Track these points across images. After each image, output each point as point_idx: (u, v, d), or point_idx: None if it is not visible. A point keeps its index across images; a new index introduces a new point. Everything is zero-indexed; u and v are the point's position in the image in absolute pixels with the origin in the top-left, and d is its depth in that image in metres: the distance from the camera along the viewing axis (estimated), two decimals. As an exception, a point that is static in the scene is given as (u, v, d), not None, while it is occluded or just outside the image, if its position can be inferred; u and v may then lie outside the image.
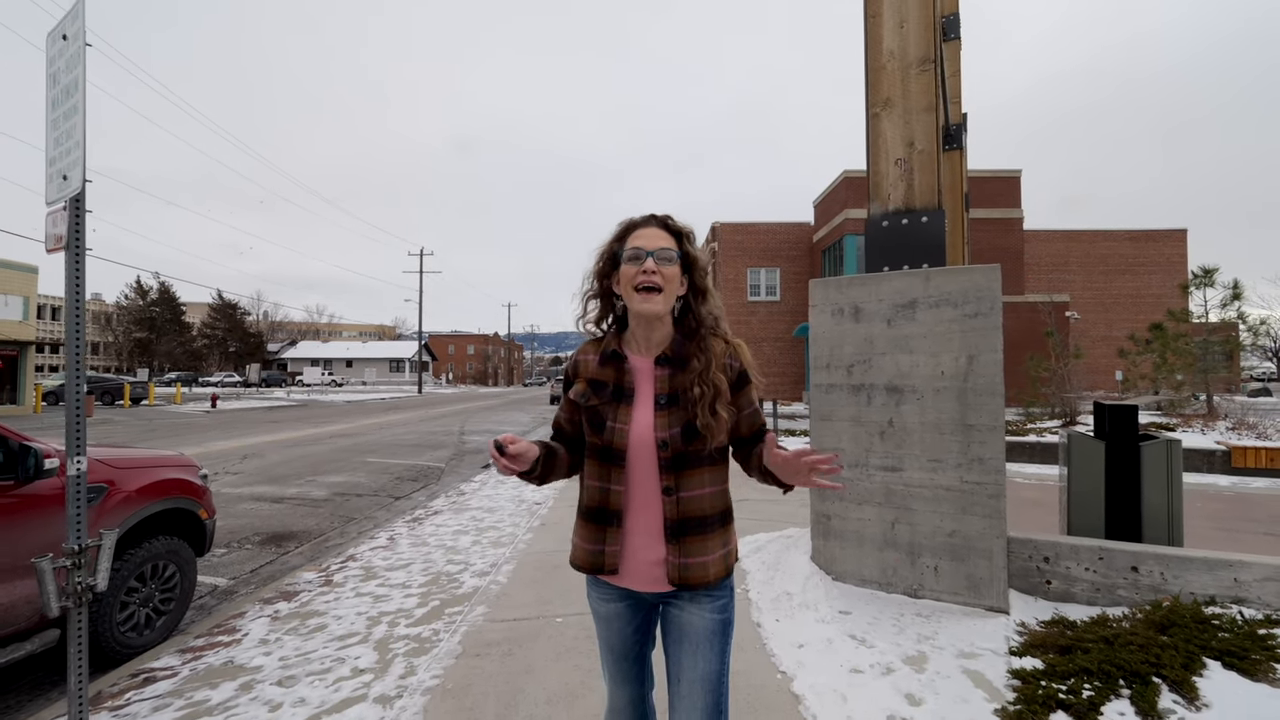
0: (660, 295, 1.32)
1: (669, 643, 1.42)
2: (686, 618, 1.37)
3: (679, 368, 1.35)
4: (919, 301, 3.34)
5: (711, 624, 1.37)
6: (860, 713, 2.21)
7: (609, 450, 1.34)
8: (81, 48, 1.75)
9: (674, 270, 1.34)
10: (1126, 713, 2.11)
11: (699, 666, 1.36)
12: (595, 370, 1.39)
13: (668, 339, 1.39)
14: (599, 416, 1.36)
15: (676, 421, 1.32)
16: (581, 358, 1.44)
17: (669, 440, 1.31)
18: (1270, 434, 8.28)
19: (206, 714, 2.51)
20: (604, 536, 1.37)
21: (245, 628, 3.40)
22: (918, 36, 3.65)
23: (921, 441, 3.30)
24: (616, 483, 1.35)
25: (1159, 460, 3.42)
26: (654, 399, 1.35)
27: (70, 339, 1.84)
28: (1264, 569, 2.88)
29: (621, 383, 1.37)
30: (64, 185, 1.83)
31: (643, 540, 1.35)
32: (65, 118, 1.82)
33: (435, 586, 3.96)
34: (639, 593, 1.40)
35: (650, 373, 1.37)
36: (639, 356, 1.39)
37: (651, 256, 1.31)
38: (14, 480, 2.78)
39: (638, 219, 1.40)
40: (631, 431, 1.33)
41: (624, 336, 1.42)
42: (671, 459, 1.32)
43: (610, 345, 1.40)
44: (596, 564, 1.38)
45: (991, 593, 3.13)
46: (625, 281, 1.34)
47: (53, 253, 1.92)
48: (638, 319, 1.37)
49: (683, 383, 1.33)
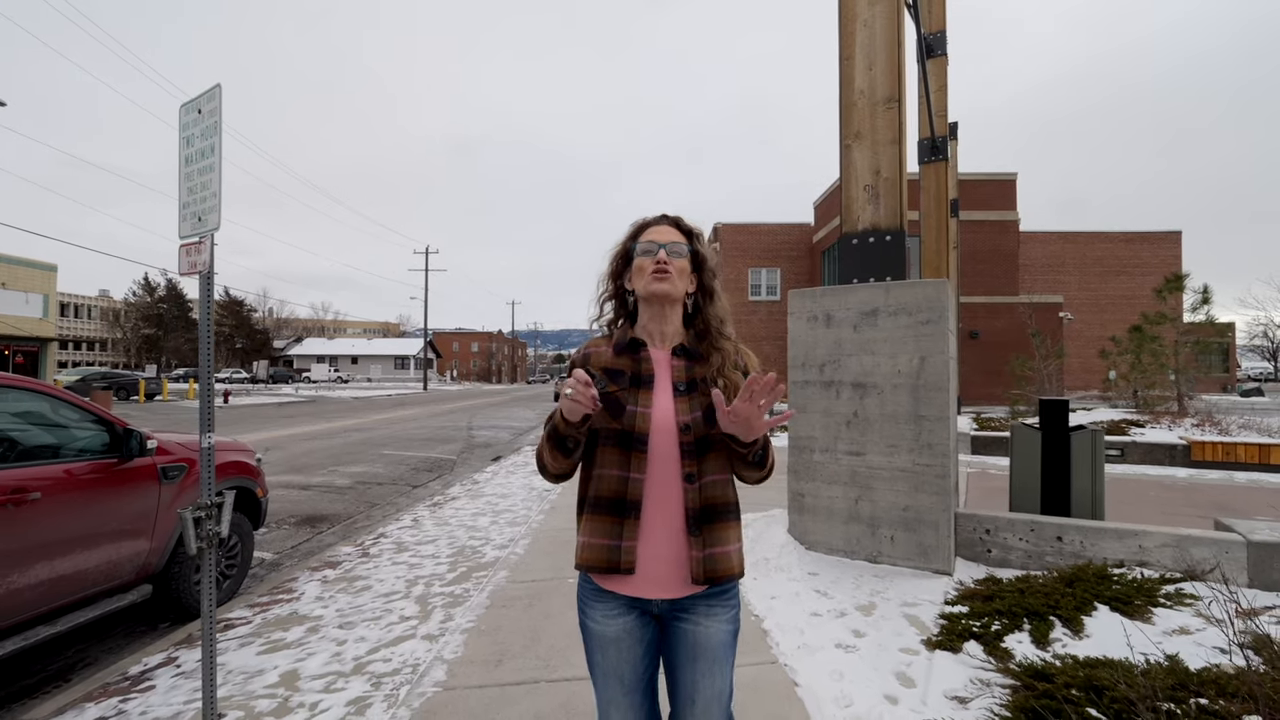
0: (671, 278, 1.33)
1: (678, 660, 1.33)
2: (702, 632, 1.31)
3: (695, 360, 1.36)
4: (880, 310, 3.89)
5: (726, 637, 1.32)
6: (813, 641, 2.78)
7: (629, 436, 1.30)
8: (217, 123, 2.31)
9: (684, 264, 1.36)
10: (1024, 640, 2.66)
11: (715, 685, 1.30)
12: (610, 359, 1.37)
13: (680, 334, 1.40)
14: (617, 402, 1.32)
15: (698, 406, 1.31)
16: (592, 350, 1.41)
17: (692, 424, 1.29)
18: (1232, 430, 8.81)
19: (286, 647, 3.08)
20: (621, 530, 1.28)
21: (301, 589, 3.97)
22: (884, 77, 4.18)
23: (881, 430, 3.85)
24: (637, 470, 1.29)
25: (1085, 448, 3.97)
26: (673, 385, 1.34)
27: (203, 343, 2.40)
28: (1162, 537, 3.42)
29: (640, 370, 1.35)
30: (198, 224, 2.39)
31: (661, 536, 1.29)
32: (200, 173, 2.38)
33: (461, 557, 4.52)
34: (649, 601, 1.32)
35: (667, 362, 1.36)
36: (655, 348, 1.38)
37: (664, 249, 1.33)
38: (118, 458, 3.35)
39: (650, 219, 1.43)
40: (653, 415, 1.31)
41: (636, 330, 1.42)
42: (695, 443, 1.29)
43: (626, 335, 1.39)
44: (613, 561, 1.28)
45: (939, 558, 3.68)
46: (637, 273, 1.35)
47: (185, 275, 2.48)
48: (649, 309, 1.38)
49: (701, 373, 1.34)
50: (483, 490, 7.13)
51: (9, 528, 2.69)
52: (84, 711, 2.55)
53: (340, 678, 2.73)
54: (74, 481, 3.05)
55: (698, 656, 1.29)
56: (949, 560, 3.68)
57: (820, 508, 4.04)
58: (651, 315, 1.38)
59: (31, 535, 2.80)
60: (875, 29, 4.17)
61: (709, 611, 1.30)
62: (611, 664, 1.33)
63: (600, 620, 1.33)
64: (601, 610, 1.33)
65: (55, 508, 2.92)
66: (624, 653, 1.32)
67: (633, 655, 1.32)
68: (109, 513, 3.23)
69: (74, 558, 3.01)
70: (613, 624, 1.32)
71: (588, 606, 1.36)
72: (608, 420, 1.32)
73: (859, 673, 2.52)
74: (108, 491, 3.23)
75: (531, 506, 6.19)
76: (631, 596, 1.31)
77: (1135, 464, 8.19)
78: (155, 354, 56.48)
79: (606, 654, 1.33)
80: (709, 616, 1.30)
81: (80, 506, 3.07)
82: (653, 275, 1.32)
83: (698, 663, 1.29)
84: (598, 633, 1.34)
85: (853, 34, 4.24)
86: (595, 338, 1.45)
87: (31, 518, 2.80)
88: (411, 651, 2.96)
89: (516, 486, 7.31)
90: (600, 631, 1.33)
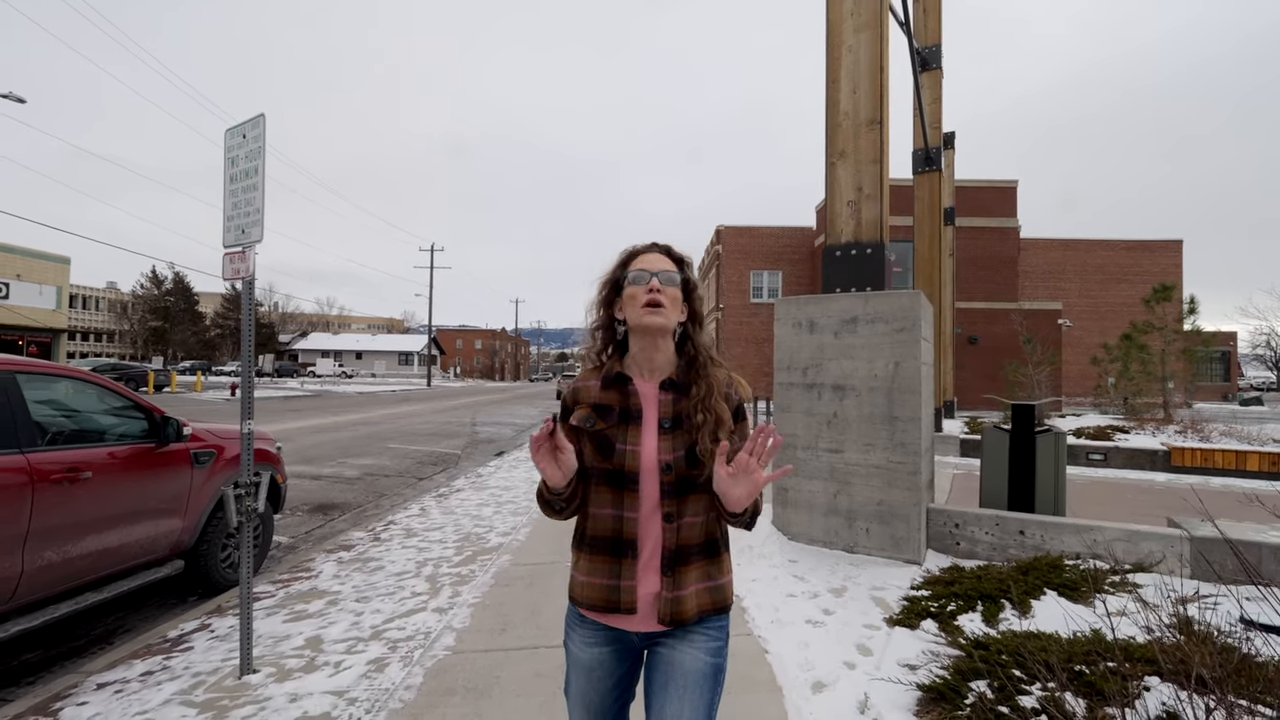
0: (665, 310, 1.31)
1: (653, 688, 1.32)
2: (675, 656, 1.30)
3: (683, 393, 1.33)
4: (859, 318, 4.18)
5: (703, 666, 1.29)
6: (786, 617, 3.08)
7: (620, 475, 1.30)
8: (260, 147, 2.62)
9: (676, 293, 1.35)
10: (975, 620, 2.95)
11: (684, 713, 1.26)
12: (598, 395, 1.37)
13: (670, 364, 1.37)
14: (607, 441, 1.32)
15: (680, 445, 1.29)
16: (581, 385, 1.41)
17: (673, 464, 1.28)
18: (1213, 437, 9.06)
19: (308, 617, 3.40)
20: (619, 570, 1.29)
21: (318, 568, 4.29)
22: (868, 100, 4.47)
23: (859, 429, 4.14)
24: (630, 509, 1.29)
25: (1049, 448, 4.25)
26: (658, 422, 1.32)
27: (245, 341, 2.71)
28: (1114, 532, 3.71)
29: (628, 405, 1.34)
30: (241, 236, 2.70)
31: (642, 571, 1.30)
32: (244, 190, 2.69)
33: (467, 542, 4.84)
34: (629, 634, 1.32)
35: (655, 397, 1.35)
36: (643, 381, 1.37)
37: (656, 277, 1.32)
38: (156, 442, 3.67)
39: (640, 246, 1.42)
40: (641, 454, 1.30)
41: (625, 362, 1.40)
42: (675, 483, 1.28)
43: (614, 369, 1.38)
44: (612, 601, 1.29)
45: (909, 548, 3.98)
46: (628, 302, 1.34)
47: (228, 280, 2.79)
48: (640, 340, 1.36)
49: (686, 407, 1.31)
50: (486, 483, 7.45)
51: (66, 502, 3.00)
52: (132, 666, 2.86)
53: (360, 642, 3.04)
54: (119, 463, 3.37)
55: (669, 682, 1.28)
56: (919, 551, 3.97)
57: (802, 501, 4.34)
58: (642, 346, 1.36)
59: (84, 510, 3.11)
60: (860, 55, 4.46)
61: (687, 639, 1.30)
62: (582, 689, 1.37)
63: (579, 645, 1.36)
64: (581, 635, 1.36)
65: (104, 486, 3.24)
66: (595, 682, 1.35)
67: (603, 686, 1.35)
68: (148, 492, 3.55)
69: (118, 532, 3.32)
70: (588, 651, 1.35)
71: (571, 629, 1.39)
72: (598, 459, 1.32)
73: (823, 644, 2.82)
74: (147, 473, 3.55)
75: (534, 499, 6.50)
76: (611, 627, 1.32)
77: (1118, 468, 8.45)
78: (162, 346, 57.03)
79: (579, 679, 1.37)
80: (686, 644, 1.30)
81: (124, 486, 3.39)
82: (644, 308, 1.31)
83: (669, 689, 1.28)
84: (575, 656, 1.37)
85: (839, 59, 4.53)
86: (585, 369, 1.46)
87: (84, 494, 3.11)
88: (423, 621, 3.27)
89: (519, 480, 7.62)
90: (577, 656, 1.36)
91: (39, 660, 3.20)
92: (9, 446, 2.80)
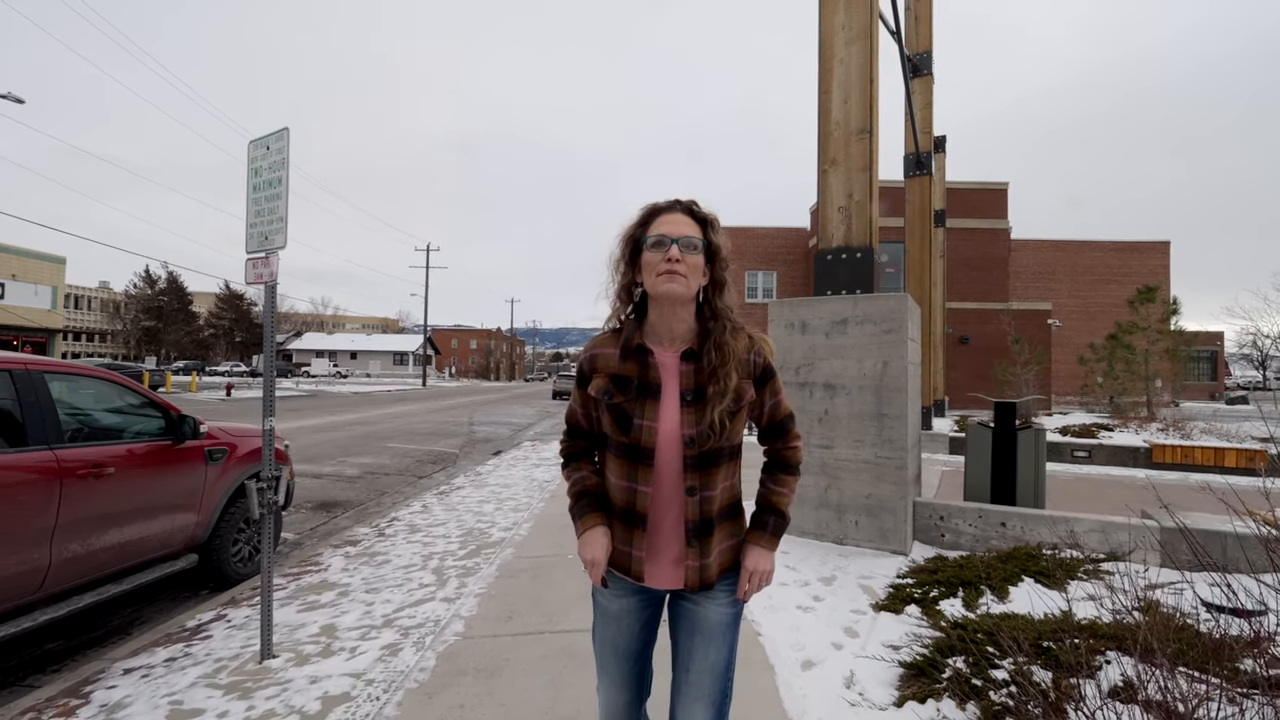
0: (683, 279, 1.27)
1: (680, 634, 1.42)
2: (701, 612, 1.38)
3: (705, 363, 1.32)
4: (849, 320, 4.36)
5: (727, 617, 1.38)
6: (778, 604, 3.25)
7: (636, 449, 1.31)
8: (284, 159, 2.76)
9: (698, 260, 1.29)
10: (956, 604, 3.13)
11: (710, 656, 1.37)
12: (617, 365, 1.34)
13: (690, 332, 1.34)
14: (624, 414, 1.32)
15: (704, 418, 1.29)
16: (599, 351, 1.38)
17: (695, 438, 1.28)
18: (1194, 435, 9.32)
19: (321, 607, 3.54)
20: (631, 539, 1.35)
21: (327, 562, 4.42)
22: (858, 111, 4.65)
23: (848, 426, 4.32)
24: (644, 483, 1.31)
25: (1029, 444, 4.44)
26: (680, 395, 1.31)
27: (267, 342, 2.85)
28: (1089, 523, 3.90)
29: (647, 378, 1.32)
30: (264, 242, 2.85)
31: (666, 539, 1.34)
32: (267, 200, 2.83)
33: (470, 537, 4.98)
34: (654, 589, 1.40)
35: (676, 368, 1.33)
36: (663, 351, 1.34)
37: (676, 244, 1.26)
38: (172, 440, 3.80)
39: (662, 203, 1.35)
40: (659, 430, 1.30)
41: (644, 329, 1.37)
42: (698, 457, 1.29)
43: (634, 339, 1.34)
44: (624, 566, 1.37)
45: (896, 540, 4.16)
46: (648, 269, 1.29)
47: (251, 285, 2.94)
48: (659, 308, 1.32)
49: (708, 379, 1.31)
50: (486, 481, 7.59)
51: (90, 496, 3.14)
52: (155, 653, 3.00)
53: (373, 629, 3.18)
54: (138, 459, 3.50)
55: (695, 631, 1.38)
56: (906, 542, 4.15)
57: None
58: (660, 314, 1.33)
59: (106, 504, 3.25)
60: (851, 67, 4.64)
61: (710, 596, 1.37)
62: (610, 634, 1.45)
63: (607, 597, 1.43)
64: (613, 589, 1.42)
65: (124, 482, 3.37)
66: (623, 628, 1.43)
67: (630, 630, 1.43)
68: (165, 488, 3.68)
69: (137, 526, 3.46)
70: (617, 602, 1.42)
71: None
72: (616, 432, 1.34)
73: (813, 627, 2.99)
74: (165, 469, 3.69)
75: (533, 495, 6.65)
76: (638, 584, 1.40)
77: (1101, 465, 8.68)
78: (155, 346, 56.75)
79: (608, 625, 1.45)
80: (710, 600, 1.37)
81: (143, 481, 3.52)
82: (660, 276, 1.27)
83: (695, 637, 1.38)
84: (604, 606, 1.45)
85: (831, 71, 4.71)
86: (603, 334, 1.41)
87: (107, 489, 3.24)
88: (432, 610, 3.42)
89: (518, 478, 7.77)
90: (605, 606, 1.44)
91: (61, 649, 3.33)
92: (39, 443, 2.93)
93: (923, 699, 2.28)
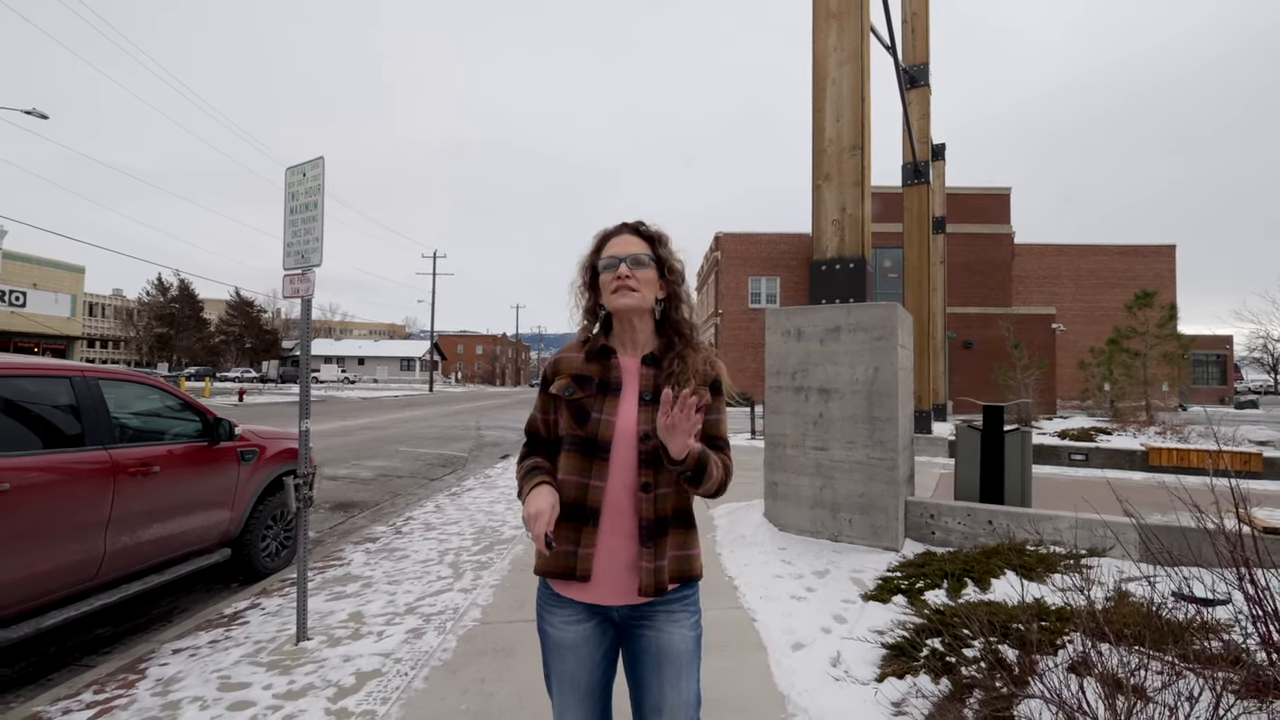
0: (636, 292, 1.34)
1: (643, 670, 1.33)
2: (664, 639, 1.31)
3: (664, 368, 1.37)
4: (842, 327, 4.59)
5: (690, 643, 1.33)
6: (772, 594, 3.48)
7: (592, 443, 1.32)
8: (320, 185, 3.04)
9: (649, 274, 1.37)
10: (940, 595, 3.35)
11: (681, 694, 1.30)
12: (580, 366, 1.39)
13: (651, 342, 1.41)
14: (583, 409, 1.35)
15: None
16: (564, 355, 1.44)
17: (652, 433, 1.29)
18: (1191, 438, 9.44)
19: (347, 597, 3.80)
20: (579, 537, 1.30)
21: (349, 557, 4.69)
22: (850, 128, 4.90)
23: (842, 429, 4.55)
24: (597, 477, 1.31)
25: (1016, 446, 4.66)
26: (639, 394, 1.36)
27: (304, 351, 3.13)
28: (1071, 520, 4.11)
29: (608, 378, 1.37)
30: (301, 260, 3.12)
31: (618, 542, 1.30)
32: (304, 221, 3.11)
33: (483, 535, 5.24)
34: (607, 608, 1.33)
35: (636, 371, 1.38)
36: (626, 355, 1.40)
37: (624, 262, 1.34)
38: (209, 442, 4.08)
39: (610, 229, 1.43)
40: (617, 424, 1.33)
41: (609, 338, 1.44)
42: (652, 452, 1.30)
43: (599, 342, 1.41)
44: (568, 568, 1.30)
45: (888, 537, 4.37)
46: (605, 289, 1.37)
47: (288, 299, 3.21)
48: (620, 321, 1.40)
49: (667, 382, 1.34)
50: (495, 483, 7.85)
51: (139, 492, 3.41)
52: (199, 637, 3.27)
53: (397, 616, 3.44)
54: (179, 459, 3.78)
55: (663, 664, 1.30)
56: (898, 539, 4.36)
57: (790, 494, 4.74)
58: (622, 326, 1.41)
59: (151, 500, 3.52)
60: (843, 87, 4.89)
61: (670, 617, 1.32)
62: (569, 670, 1.34)
63: (559, 626, 1.34)
64: (560, 616, 1.34)
65: (168, 479, 3.65)
66: (582, 659, 1.33)
67: (589, 661, 1.33)
68: (202, 486, 3.96)
69: (178, 520, 3.73)
70: (571, 630, 1.33)
71: (546, 612, 1.37)
72: (573, 427, 1.35)
73: (804, 615, 3.22)
74: (203, 468, 3.96)
75: (541, 496, 6.90)
76: (590, 604, 1.32)
77: (1097, 468, 8.84)
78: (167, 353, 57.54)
79: (564, 659, 1.34)
80: (670, 622, 1.31)
81: (184, 480, 3.80)
82: (615, 291, 1.34)
83: (663, 671, 1.29)
84: (556, 638, 1.35)
85: (823, 90, 4.97)
86: (570, 343, 1.48)
87: (153, 486, 3.52)
88: (451, 600, 3.67)
89: (527, 479, 8.02)
90: (559, 637, 1.34)
91: (110, 635, 3.60)
92: (95, 444, 3.21)
93: (901, 675, 2.50)
